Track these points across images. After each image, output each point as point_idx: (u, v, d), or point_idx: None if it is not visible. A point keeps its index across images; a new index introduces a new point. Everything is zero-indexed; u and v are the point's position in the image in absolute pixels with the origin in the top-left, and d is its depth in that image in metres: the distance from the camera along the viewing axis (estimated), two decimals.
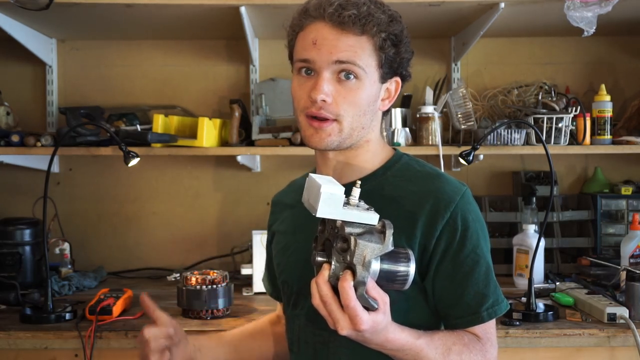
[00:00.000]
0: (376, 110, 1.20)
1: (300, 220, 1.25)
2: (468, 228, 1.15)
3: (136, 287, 2.18)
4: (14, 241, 2.19)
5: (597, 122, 2.33)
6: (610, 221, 2.44)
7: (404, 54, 1.20)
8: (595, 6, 1.96)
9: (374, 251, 0.99)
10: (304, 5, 1.18)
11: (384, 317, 1.02)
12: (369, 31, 1.13)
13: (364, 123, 1.18)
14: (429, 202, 1.15)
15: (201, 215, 2.60)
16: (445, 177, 1.20)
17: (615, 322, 1.78)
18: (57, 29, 2.43)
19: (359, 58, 1.13)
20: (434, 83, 2.52)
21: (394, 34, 1.16)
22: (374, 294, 1.01)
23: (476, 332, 1.17)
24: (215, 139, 2.30)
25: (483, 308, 1.15)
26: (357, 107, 1.15)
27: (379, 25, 1.14)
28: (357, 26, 1.12)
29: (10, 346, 1.75)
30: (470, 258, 1.15)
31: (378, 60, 1.16)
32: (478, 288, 1.15)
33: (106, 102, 2.55)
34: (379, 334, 1.04)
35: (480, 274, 1.15)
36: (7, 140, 2.23)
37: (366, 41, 1.14)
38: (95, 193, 2.60)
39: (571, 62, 2.61)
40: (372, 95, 1.17)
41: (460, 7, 2.12)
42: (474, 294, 1.15)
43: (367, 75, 1.15)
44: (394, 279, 1.03)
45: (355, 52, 1.13)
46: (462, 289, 1.15)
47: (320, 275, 1.02)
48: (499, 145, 2.27)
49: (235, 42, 2.56)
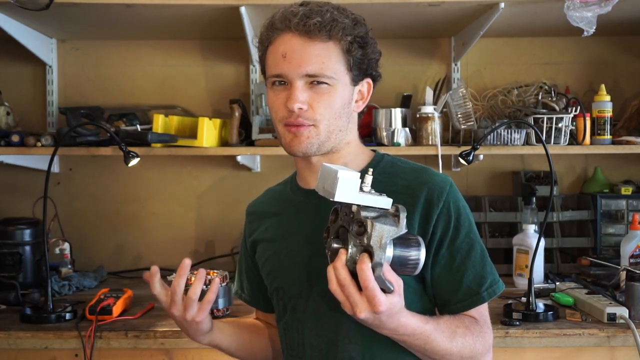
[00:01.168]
0: (351, 112, 1.24)
1: (290, 226, 1.28)
2: (460, 215, 1.20)
3: (136, 287, 2.17)
4: (14, 241, 2.19)
5: (597, 122, 2.32)
6: (610, 221, 2.44)
7: (372, 54, 1.23)
8: (595, 6, 1.96)
9: (389, 233, 1.02)
10: (269, 19, 1.22)
11: (399, 300, 1.05)
12: (335, 36, 1.16)
13: (340, 125, 1.21)
14: (422, 194, 1.19)
15: (201, 215, 2.60)
16: (430, 170, 1.25)
17: (615, 322, 1.78)
18: (57, 29, 2.43)
19: (327, 68, 1.17)
20: (434, 83, 2.52)
21: (360, 36, 1.19)
22: (390, 277, 1.03)
23: (473, 315, 1.21)
24: (215, 139, 2.30)
25: (483, 289, 1.19)
26: (332, 111, 1.19)
27: (344, 30, 1.17)
28: (324, 32, 1.16)
29: (10, 346, 1.75)
30: (466, 243, 1.20)
31: (347, 64, 1.19)
32: (476, 270, 1.20)
33: (106, 102, 2.55)
34: (394, 317, 1.06)
35: (477, 256, 1.20)
36: (7, 140, 2.23)
37: (333, 46, 1.17)
38: (95, 193, 2.60)
39: (571, 62, 2.61)
40: (345, 98, 1.20)
41: (460, 7, 2.12)
42: (473, 277, 1.19)
43: (337, 80, 1.18)
44: (406, 263, 1.06)
45: (323, 62, 1.16)
46: (461, 273, 1.19)
47: (338, 260, 1.04)
48: (499, 145, 2.27)
49: (235, 42, 2.56)
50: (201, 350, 1.76)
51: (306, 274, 1.23)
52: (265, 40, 1.22)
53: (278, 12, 1.20)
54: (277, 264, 1.29)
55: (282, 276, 1.28)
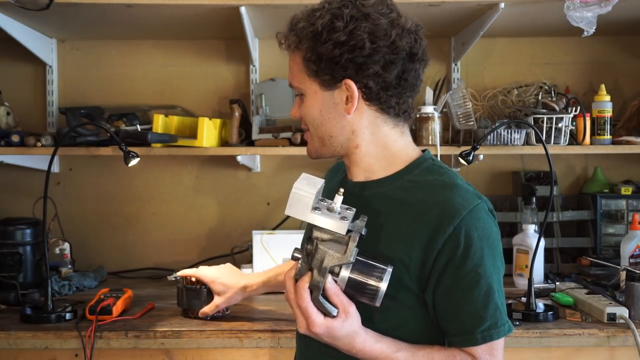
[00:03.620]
0: (342, 116, 1.18)
1: None
2: (472, 245, 1.10)
3: (136, 287, 2.18)
4: (14, 241, 2.18)
5: (597, 122, 2.32)
6: (610, 221, 2.44)
7: (332, 56, 1.13)
8: (595, 6, 1.96)
9: (332, 260, 1.02)
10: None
11: (342, 325, 1.04)
12: (294, 45, 1.18)
13: (329, 131, 1.20)
14: (432, 214, 1.12)
15: (201, 215, 2.60)
16: (459, 188, 1.15)
17: (615, 322, 1.78)
18: (57, 29, 2.43)
19: (294, 78, 1.21)
20: (434, 83, 2.52)
21: (315, 40, 1.13)
22: (335, 301, 1.04)
23: (473, 353, 1.13)
24: (215, 139, 2.30)
25: (478, 330, 1.11)
26: (312, 118, 1.20)
27: (300, 37, 1.16)
28: (290, 43, 1.19)
29: (10, 346, 1.75)
30: (471, 277, 1.11)
31: (307, 71, 1.17)
32: (475, 308, 1.11)
33: (106, 102, 2.55)
34: (340, 340, 1.06)
35: (480, 294, 1.11)
36: (7, 140, 2.23)
37: (298, 56, 1.18)
38: (95, 193, 2.60)
39: (571, 62, 2.61)
40: (320, 105, 1.19)
41: (460, 7, 2.12)
42: (470, 314, 1.12)
43: (306, 88, 1.19)
44: (363, 291, 1.05)
45: (293, 73, 1.21)
46: (458, 307, 1.12)
47: (288, 271, 1.06)
48: (499, 145, 2.27)
49: (235, 42, 2.56)
50: (201, 350, 1.76)
51: None
52: None
53: None
54: None
55: None
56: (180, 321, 1.82)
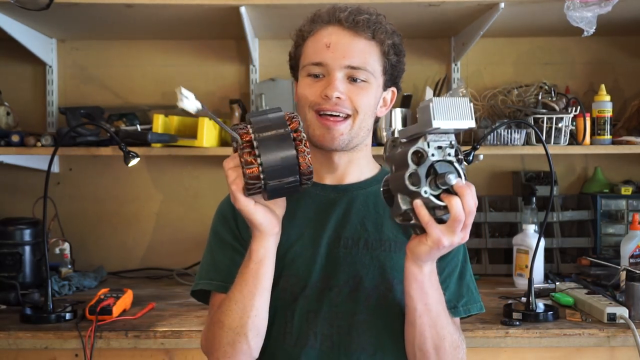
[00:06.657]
0: (375, 115, 1.27)
1: (309, 218, 1.26)
2: None
3: (136, 287, 2.18)
4: (14, 241, 2.19)
5: (597, 122, 2.32)
6: (610, 221, 2.44)
7: (402, 65, 1.29)
8: (595, 6, 1.96)
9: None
10: (314, 13, 1.26)
11: None
12: (378, 37, 1.22)
13: (368, 124, 1.25)
14: None
15: (201, 215, 2.60)
16: None
17: (615, 322, 1.78)
18: (57, 29, 2.43)
19: (369, 64, 1.21)
20: (434, 83, 2.52)
21: (397, 44, 1.25)
22: None
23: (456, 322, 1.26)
24: (215, 139, 2.30)
25: (460, 303, 1.25)
26: (368, 105, 1.22)
27: (386, 33, 1.23)
28: (369, 31, 1.21)
29: (10, 346, 1.75)
30: (452, 264, 1.25)
31: (383, 66, 1.24)
32: (453, 289, 1.26)
33: (106, 102, 2.55)
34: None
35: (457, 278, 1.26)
36: (7, 140, 2.23)
37: (375, 46, 1.22)
38: (95, 193, 2.60)
39: (571, 62, 2.61)
40: (377, 98, 1.25)
41: (460, 7, 2.12)
42: (450, 293, 1.25)
43: (375, 79, 1.23)
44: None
45: (365, 57, 1.21)
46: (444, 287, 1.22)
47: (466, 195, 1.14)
48: (499, 145, 2.27)
49: (235, 42, 2.56)
50: (201, 350, 1.76)
51: (325, 265, 1.23)
52: (307, 31, 1.25)
53: (323, 7, 1.25)
54: (293, 253, 1.25)
55: (297, 265, 1.25)
56: (180, 321, 1.82)
